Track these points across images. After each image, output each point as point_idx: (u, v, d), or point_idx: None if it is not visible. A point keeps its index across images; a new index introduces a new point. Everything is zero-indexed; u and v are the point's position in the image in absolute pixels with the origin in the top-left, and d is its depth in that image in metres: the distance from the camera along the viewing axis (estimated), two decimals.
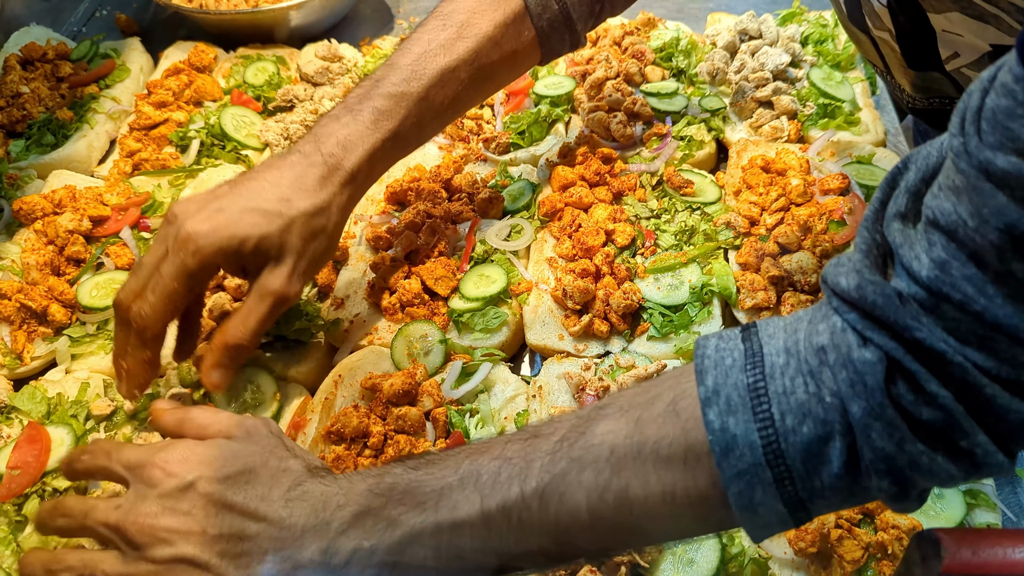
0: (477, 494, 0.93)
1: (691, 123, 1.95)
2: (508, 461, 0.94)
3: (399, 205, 1.82)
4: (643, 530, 0.93)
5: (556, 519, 0.91)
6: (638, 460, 0.88)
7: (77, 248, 1.73)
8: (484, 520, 0.92)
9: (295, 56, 2.30)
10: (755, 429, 0.82)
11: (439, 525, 0.94)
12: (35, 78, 2.15)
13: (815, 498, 0.84)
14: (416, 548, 0.94)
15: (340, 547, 0.96)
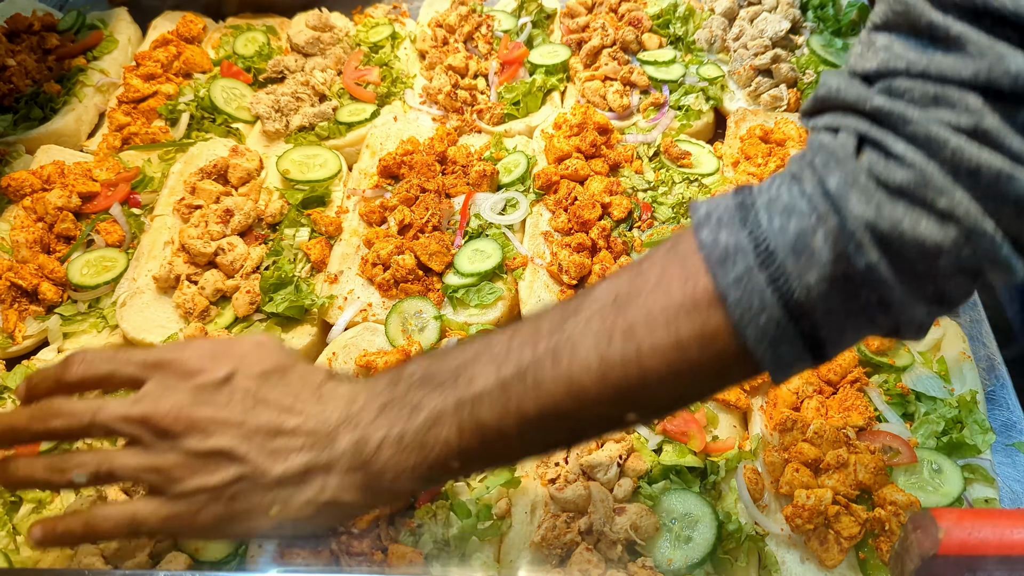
0: (492, 364, 0.95)
1: (689, 92, 1.91)
2: (518, 332, 0.97)
3: (392, 179, 1.79)
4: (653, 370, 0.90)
5: (569, 372, 0.92)
6: (640, 297, 0.90)
7: (67, 225, 1.70)
8: (501, 387, 0.94)
9: (285, 26, 2.26)
10: (745, 236, 0.85)
11: (459, 401, 0.95)
12: (21, 50, 2.11)
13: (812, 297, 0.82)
14: (440, 428, 0.96)
15: (371, 437, 0.98)
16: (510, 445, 0.98)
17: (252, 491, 0.98)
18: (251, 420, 0.98)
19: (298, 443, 0.98)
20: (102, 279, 1.64)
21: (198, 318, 1.56)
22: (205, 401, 0.99)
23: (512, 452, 1.02)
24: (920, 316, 0.85)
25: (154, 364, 1.02)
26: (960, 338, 1.45)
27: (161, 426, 0.98)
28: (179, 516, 0.98)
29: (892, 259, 0.80)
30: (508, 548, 1.25)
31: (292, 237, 1.69)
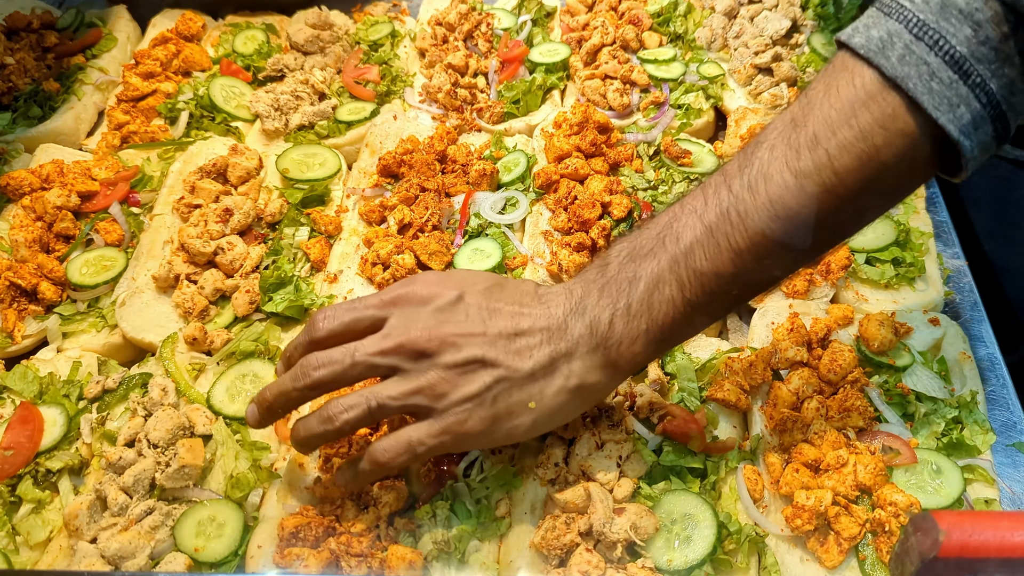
0: (693, 216, 1.03)
1: (689, 91, 1.91)
2: (708, 183, 1.05)
3: (392, 178, 1.79)
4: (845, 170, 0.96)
5: (768, 197, 0.98)
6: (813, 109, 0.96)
7: (66, 224, 1.70)
8: (709, 232, 1.01)
9: (285, 24, 2.25)
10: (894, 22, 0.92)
11: (673, 259, 1.03)
12: (20, 48, 2.10)
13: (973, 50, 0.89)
14: (662, 289, 1.04)
15: (600, 317, 1.06)
16: (728, 287, 1.04)
17: (510, 390, 1.07)
18: (491, 328, 1.08)
19: (537, 339, 1.08)
20: (101, 278, 1.64)
21: (197, 317, 1.56)
22: (447, 320, 1.08)
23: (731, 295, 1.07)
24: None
25: (391, 301, 1.11)
26: (960, 338, 1.45)
27: (416, 349, 1.06)
28: (450, 429, 1.07)
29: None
30: (508, 549, 1.25)
31: (292, 236, 1.68)
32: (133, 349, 1.59)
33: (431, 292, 1.11)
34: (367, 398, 1.08)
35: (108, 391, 1.45)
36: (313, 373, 1.11)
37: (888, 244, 1.56)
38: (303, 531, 1.24)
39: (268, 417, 1.18)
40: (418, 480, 1.30)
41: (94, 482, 1.33)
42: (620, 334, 1.06)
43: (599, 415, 1.33)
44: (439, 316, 1.08)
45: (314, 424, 1.13)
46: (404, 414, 1.14)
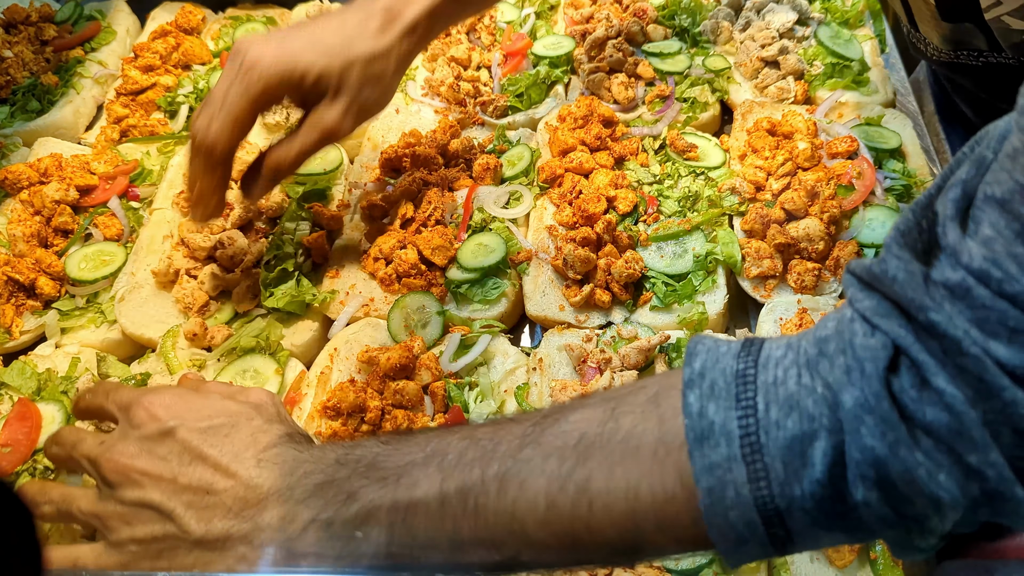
0: (439, 474, 0.90)
1: (694, 84, 1.89)
2: (476, 443, 0.90)
3: (394, 172, 1.77)
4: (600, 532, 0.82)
5: (513, 507, 0.85)
6: (605, 450, 0.82)
7: (64, 219, 1.68)
8: (441, 501, 0.88)
9: (286, 17, 2.23)
10: (735, 417, 0.74)
11: (396, 502, 0.90)
12: (18, 41, 2.08)
13: (794, 509, 0.73)
14: (371, 525, 0.91)
15: (298, 515, 0.94)
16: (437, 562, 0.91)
17: (176, 548, 0.97)
18: (183, 477, 0.98)
19: (224, 508, 0.96)
20: (100, 273, 1.62)
21: (198, 313, 1.54)
22: (147, 452, 1.01)
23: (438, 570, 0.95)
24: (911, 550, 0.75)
25: (125, 405, 1.07)
26: None
27: (103, 473, 1.02)
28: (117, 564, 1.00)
29: (893, 501, 0.69)
30: None
31: (292, 231, 1.66)
32: (132, 345, 1.57)
33: (152, 413, 1.04)
34: (63, 500, 1.06)
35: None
36: (50, 448, 1.12)
37: None
38: None
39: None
40: None
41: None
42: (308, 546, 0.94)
43: None
44: (140, 445, 1.02)
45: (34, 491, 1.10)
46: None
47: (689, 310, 1.49)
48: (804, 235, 1.52)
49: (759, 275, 1.52)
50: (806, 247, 1.52)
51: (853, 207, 1.57)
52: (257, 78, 1.28)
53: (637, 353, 1.39)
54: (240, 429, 1.03)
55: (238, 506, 0.96)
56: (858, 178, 1.60)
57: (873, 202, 1.59)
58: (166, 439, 1.01)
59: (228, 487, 0.97)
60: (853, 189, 1.59)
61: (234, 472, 0.98)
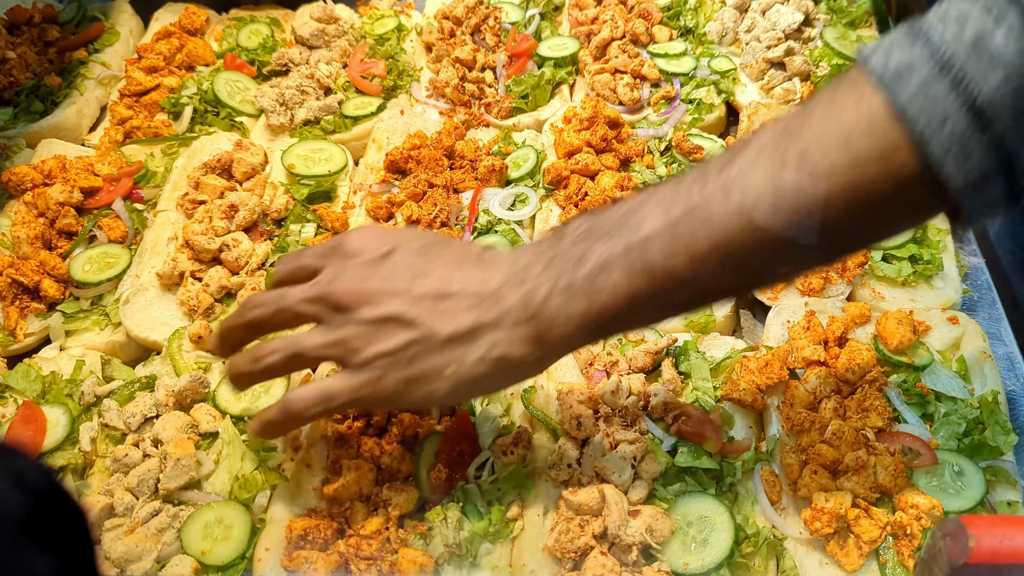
0: (660, 207, 0.96)
1: (700, 85, 1.88)
2: (684, 177, 0.97)
3: (399, 174, 1.76)
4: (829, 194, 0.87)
5: (740, 204, 0.90)
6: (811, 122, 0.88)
7: (68, 221, 1.68)
8: (671, 226, 0.94)
9: (290, 18, 2.23)
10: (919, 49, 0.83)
11: (628, 245, 0.96)
12: (22, 43, 2.08)
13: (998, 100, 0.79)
14: (608, 273, 0.97)
15: (537, 290, 1.00)
16: (680, 288, 0.97)
17: (426, 353, 1.03)
18: (416, 287, 1.04)
19: (464, 304, 1.03)
20: (105, 276, 1.62)
21: (203, 315, 1.54)
22: (371, 275, 1.06)
23: (681, 297, 1.00)
24: None
25: (325, 252, 1.11)
26: (980, 336, 1.42)
27: (334, 301, 1.05)
28: (364, 385, 1.05)
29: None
30: (520, 552, 1.22)
31: (298, 233, 1.66)
32: (137, 348, 1.57)
33: (362, 245, 1.09)
34: (290, 344, 1.09)
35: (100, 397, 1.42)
36: (247, 313, 1.13)
37: (905, 241, 1.54)
38: (312, 533, 1.22)
39: (221, 348, 1.20)
40: (428, 481, 1.27)
41: (102, 484, 1.31)
42: (553, 312, 1.00)
43: (612, 415, 1.31)
44: (363, 270, 1.06)
45: (243, 363, 1.13)
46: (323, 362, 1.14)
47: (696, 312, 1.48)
48: None
49: None
50: None
51: None
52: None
53: (644, 356, 1.38)
54: (449, 245, 1.11)
55: (477, 300, 1.03)
56: None
57: None
58: (387, 260, 1.07)
59: (461, 288, 1.04)
60: None
61: (461, 276, 1.05)
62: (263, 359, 1.10)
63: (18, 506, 0.55)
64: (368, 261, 1.07)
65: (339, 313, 1.05)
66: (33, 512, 0.56)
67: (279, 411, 1.12)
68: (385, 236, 1.10)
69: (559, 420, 1.32)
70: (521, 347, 1.02)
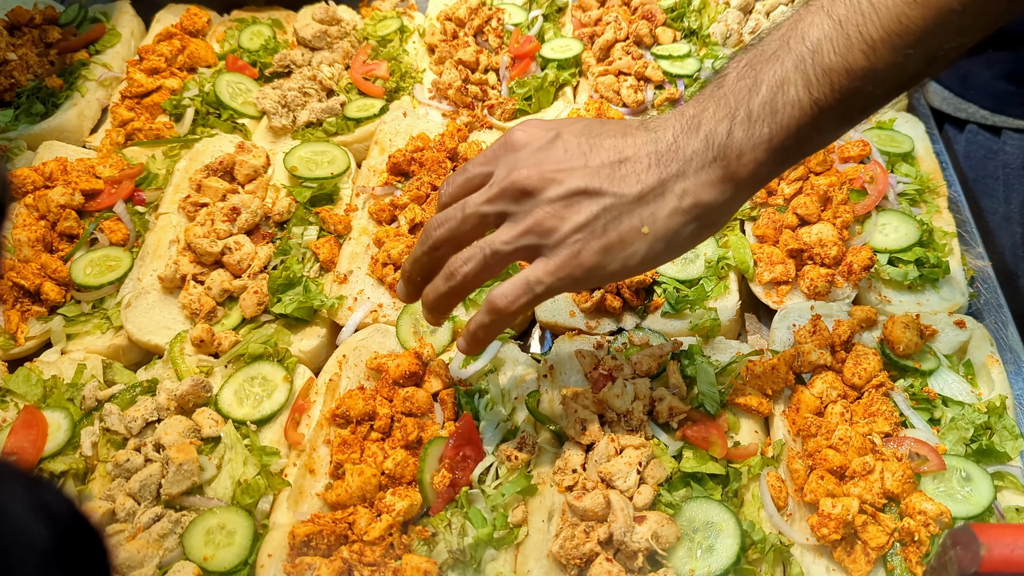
0: (820, 13, 0.97)
1: None
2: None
3: (402, 176, 1.75)
4: None
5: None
6: None
7: (70, 223, 1.67)
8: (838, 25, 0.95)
9: (292, 19, 2.22)
10: None
11: (799, 58, 0.97)
12: (23, 44, 2.07)
13: None
14: (787, 90, 0.97)
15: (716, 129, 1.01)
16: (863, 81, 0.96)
17: (619, 217, 1.04)
18: (593, 160, 1.05)
19: (643, 164, 1.04)
20: (106, 279, 1.61)
21: (204, 319, 1.53)
22: (545, 159, 1.07)
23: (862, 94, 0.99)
24: None
25: (493, 155, 1.12)
26: (987, 341, 1.41)
27: (518, 189, 1.06)
28: (564, 263, 1.05)
29: None
30: (525, 558, 1.21)
31: (300, 236, 1.65)
32: (139, 351, 1.56)
33: (528, 135, 1.10)
34: (481, 247, 1.08)
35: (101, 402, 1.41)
36: (433, 233, 1.13)
37: (911, 244, 1.53)
38: (315, 539, 1.21)
39: (412, 288, 1.20)
40: (432, 487, 1.26)
41: (103, 490, 1.30)
42: (740, 143, 1.00)
43: (617, 420, 1.30)
44: (537, 156, 1.07)
45: (439, 283, 1.12)
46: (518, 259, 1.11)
47: (701, 316, 1.47)
48: (817, 240, 1.51)
49: (771, 280, 1.51)
50: (819, 252, 1.50)
51: (866, 212, 1.55)
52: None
53: (649, 359, 1.37)
54: (606, 122, 1.12)
55: (655, 158, 1.04)
56: (870, 182, 1.58)
57: (886, 207, 1.58)
58: (556, 142, 1.08)
59: (635, 151, 1.05)
60: (865, 194, 1.57)
61: (631, 141, 1.06)
62: (458, 272, 1.10)
63: (44, 538, 0.54)
64: (539, 148, 1.08)
65: (525, 200, 1.06)
66: (58, 543, 0.55)
67: (485, 312, 1.11)
68: (547, 124, 1.11)
69: (564, 425, 1.31)
70: (711, 190, 1.03)
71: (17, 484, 0.56)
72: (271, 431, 1.39)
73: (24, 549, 0.51)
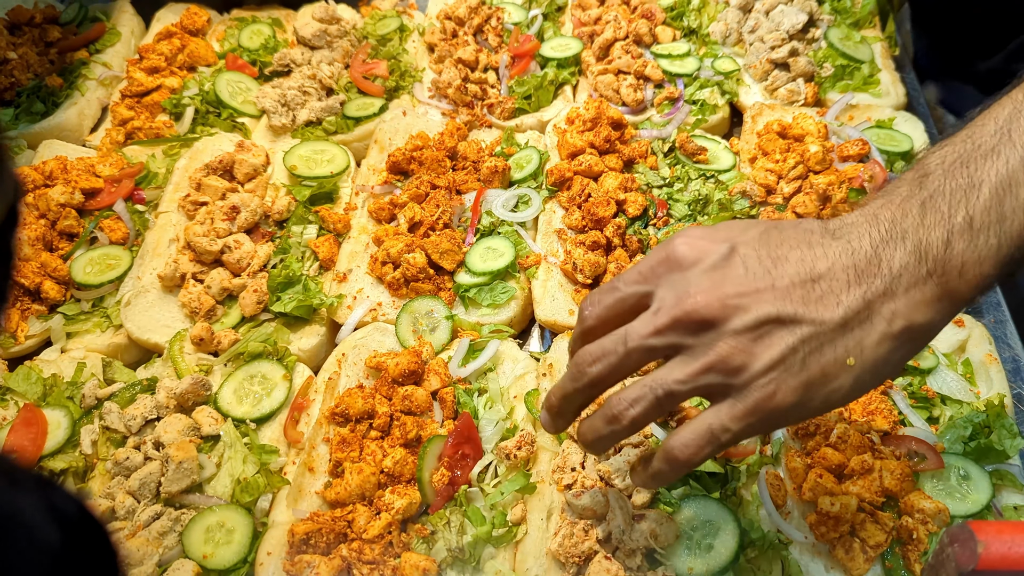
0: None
1: (704, 86, 1.87)
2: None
3: (401, 175, 1.76)
4: None
5: None
6: None
7: (70, 222, 1.67)
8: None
9: (291, 18, 2.22)
10: None
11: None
12: (23, 43, 2.07)
13: None
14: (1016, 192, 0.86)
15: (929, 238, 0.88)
16: None
17: (820, 348, 0.88)
18: (780, 279, 0.89)
19: (841, 281, 0.89)
20: (106, 277, 1.61)
21: (204, 317, 1.53)
22: (723, 279, 0.90)
23: None
24: None
25: (648, 273, 0.95)
26: (986, 339, 1.41)
27: (695, 319, 0.89)
28: (757, 407, 0.89)
29: None
30: (524, 556, 1.22)
31: (300, 234, 1.65)
32: (138, 350, 1.56)
33: (696, 250, 0.92)
34: (652, 388, 0.92)
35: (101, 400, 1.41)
36: (589, 370, 0.96)
37: None
38: (314, 537, 1.21)
39: (561, 422, 1.05)
40: (431, 485, 1.26)
41: (103, 487, 1.30)
42: (962, 255, 0.86)
43: None
44: (712, 276, 0.90)
45: (600, 425, 0.97)
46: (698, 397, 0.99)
47: None
48: None
49: None
50: None
51: None
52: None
53: None
54: (783, 227, 0.94)
55: (853, 274, 0.89)
56: (870, 181, 1.58)
57: None
58: (733, 258, 0.91)
59: (829, 265, 0.89)
60: (865, 192, 1.57)
61: (822, 252, 0.90)
62: (624, 415, 0.94)
63: (56, 540, 0.54)
64: (712, 265, 0.91)
65: (703, 333, 0.89)
66: (69, 545, 0.56)
67: (664, 462, 0.95)
68: (715, 234, 0.94)
69: None
70: (927, 310, 0.89)
71: (28, 487, 0.56)
72: (270, 429, 1.39)
73: (37, 552, 0.52)
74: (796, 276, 0.89)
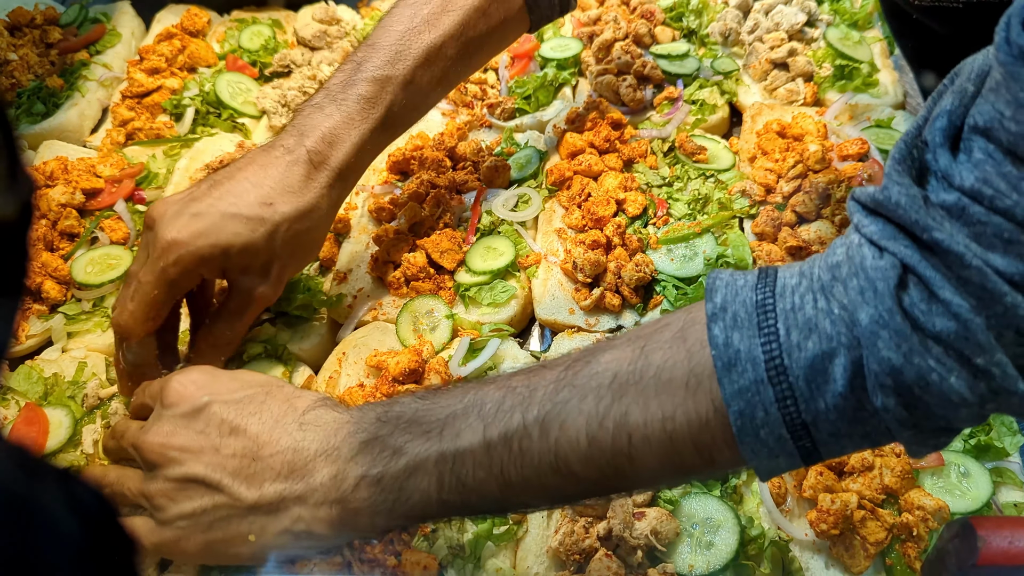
0: (480, 422, 0.93)
1: (703, 86, 1.88)
2: (512, 391, 0.94)
3: (402, 175, 1.76)
4: (641, 462, 0.87)
5: (556, 447, 0.89)
6: (639, 385, 0.87)
7: (70, 222, 1.67)
8: (486, 448, 0.92)
9: (291, 19, 2.22)
10: (759, 344, 0.80)
11: (443, 453, 0.94)
12: (23, 44, 2.07)
13: (819, 422, 0.79)
14: (420, 476, 0.94)
15: (348, 473, 0.97)
16: (489, 503, 0.96)
17: (228, 519, 0.99)
18: (225, 447, 1.00)
19: (274, 471, 0.99)
20: (107, 277, 1.61)
21: None
22: (181, 430, 1.03)
23: (491, 509, 1.03)
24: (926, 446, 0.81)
25: (155, 393, 1.11)
26: None
27: (143, 455, 1.04)
28: (166, 542, 1.02)
29: (909, 404, 0.75)
30: (524, 554, 1.22)
31: None
32: None
33: (184, 393, 1.06)
34: (117, 481, 1.08)
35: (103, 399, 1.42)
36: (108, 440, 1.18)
37: None
38: None
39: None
40: None
41: None
42: (361, 503, 0.96)
43: None
44: (175, 423, 1.04)
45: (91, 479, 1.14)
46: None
47: None
48: (816, 238, 1.51)
49: None
50: (818, 250, 1.51)
51: None
52: (173, 262, 1.20)
53: None
54: (274, 396, 1.05)
55: (287, 469, 0.98)
56: (869, 180, 1.59)
57: None
58: (201, 414, 1.03)
59: (274, 452, 0.99)
60: None
61: (277, 437, 1.00)
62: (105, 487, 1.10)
63: (77, 534, 0.54)
64: (180, 414, 1.04)
65: (150, 467, 1.04)
66: (90, 536, 0.56)
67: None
68: (206, 385, 1.06)
69: None
70: (325, 528, 0.98)
71: (49, 479, 0.56)
72: None
73: (60, 544, 0.52)
74: (243, 450, 1.00)
